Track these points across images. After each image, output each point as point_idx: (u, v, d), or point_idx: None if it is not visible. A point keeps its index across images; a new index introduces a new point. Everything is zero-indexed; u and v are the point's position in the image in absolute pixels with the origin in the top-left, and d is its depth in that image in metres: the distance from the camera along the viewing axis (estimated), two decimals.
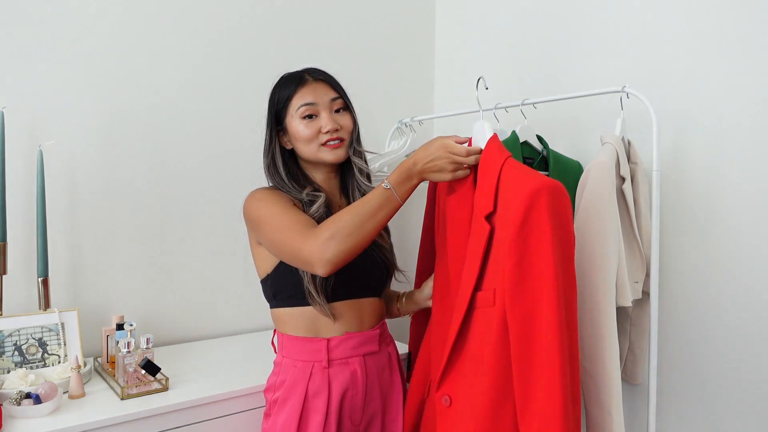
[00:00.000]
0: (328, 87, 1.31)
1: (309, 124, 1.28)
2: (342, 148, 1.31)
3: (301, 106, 1.28)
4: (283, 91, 1.31)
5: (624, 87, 1.38)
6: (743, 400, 1.41)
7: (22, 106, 1.58)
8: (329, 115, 1.28)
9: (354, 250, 1.14)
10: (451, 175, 1.15)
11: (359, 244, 1.14)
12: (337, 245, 1.12)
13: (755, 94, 1.37)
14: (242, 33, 1.93)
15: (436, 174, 1.15)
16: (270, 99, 1.35)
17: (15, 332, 1.42)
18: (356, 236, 1.13)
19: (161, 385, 1.37)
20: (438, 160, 1.14)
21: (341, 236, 1.12)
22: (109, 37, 1.70)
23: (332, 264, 1.13)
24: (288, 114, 1.30)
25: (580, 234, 1.33)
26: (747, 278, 1.40)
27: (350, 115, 1.34)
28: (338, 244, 1.12)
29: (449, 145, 1.14)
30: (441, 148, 1.13)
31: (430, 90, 2.40)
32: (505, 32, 2.05)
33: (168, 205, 1.80)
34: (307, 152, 1.30)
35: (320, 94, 1.29)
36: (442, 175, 1.15)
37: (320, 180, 1.35)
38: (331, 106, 1.30)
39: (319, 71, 1.34)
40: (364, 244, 1.15)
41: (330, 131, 1.27)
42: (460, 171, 1.15)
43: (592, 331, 1.29)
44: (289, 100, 1.29)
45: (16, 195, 1.57)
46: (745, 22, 1.38)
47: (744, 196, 1.40)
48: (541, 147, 1.63)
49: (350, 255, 1.15)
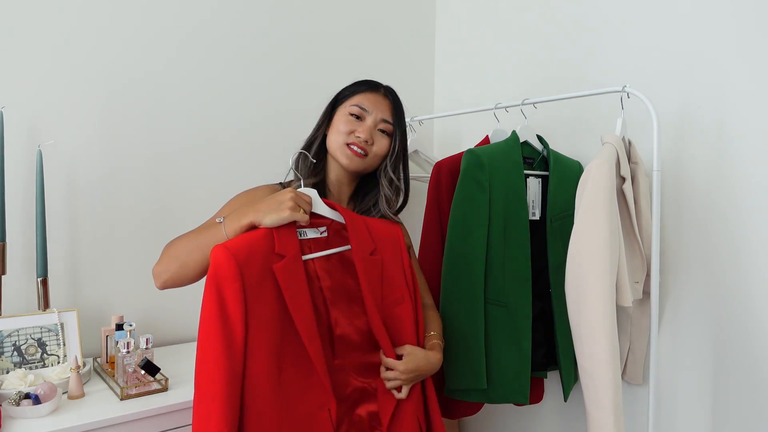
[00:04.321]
0: (388, 108, 1.31)
1: (350, 121, 1.28)
2: (360, 160, 1.27)
3: (356, 105, 1.29)
4: (353, 87, 1.33)
5: (624, 87, 1.38)
6: (744, 400, 1.41)
7: (21, 106, 1.58)
8: (370, 128, 1.28)
9: (181, 277, 1.11)
10: (289, 213, 1.05)
11: (186, 273, 1.10)
12: (165, 265, 1.11)
13: (755, 93, 1.37)
14: (242, 32, 1.93)
15: (274, 211, 1.06)
16: (341, 90, 1.36)
17: (14, 332, 1.42)
18: (183, 261, 1.10)
19: (161, 386, 1.37)
20: (280, 196, 1.08)
21: (171, 257, 1.11)
22: (109, 37, 1.70)
23: (162, 282, 1.12)
24: (342, 105, 1.31)
25: (580, 234, 1.33)
26: (747, 278, 1.39)
27: (389, 141, 1.32)
28: (167, 264, 1.11)
29: (298, 191, 1.11)
30: (289, 191, 1.09)
31: (430, 90, 2.40)
32: (505, 32, 2.05)
33: (167, 205, 1.80)
34: (333, 144, 1.29)
35: (378, 108, 1.30)
36: (280, 212, 1.05)
37: (333, 177, 1.33)
38: (377, 123, 1.29)
39: (393, 92, 1.36)
40: (191, 273, 1.11)
41: (360, 139, 1.27)
42: (300, 214, 1.07)
43: (592, 330, 1.29)
44: (351, 96, 1.31)
45: (16, 195, 1.56)
46: (746, 22, 1.38)
47: (744, 195, 1.39)
48: (542, 147, 1.63)
49: (178, 279, 1.11)
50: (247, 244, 1.01)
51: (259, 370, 0.99)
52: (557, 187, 1.56)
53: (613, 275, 1.29)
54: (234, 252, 0.98)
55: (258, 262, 1.01)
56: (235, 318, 0.97)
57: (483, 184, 1.45)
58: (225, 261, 0.97)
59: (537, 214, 1.59)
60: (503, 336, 1.47)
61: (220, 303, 0.97)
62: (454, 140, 2.30)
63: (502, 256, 1.47)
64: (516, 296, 1.48)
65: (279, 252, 1.04)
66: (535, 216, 1.58)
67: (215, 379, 0.95)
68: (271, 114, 1.98)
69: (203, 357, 0.97)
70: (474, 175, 1.46)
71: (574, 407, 1.82)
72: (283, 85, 2.00)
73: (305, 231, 1.12)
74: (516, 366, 1.48)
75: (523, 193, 1.51)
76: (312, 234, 1.13)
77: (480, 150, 1.49)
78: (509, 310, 1.47)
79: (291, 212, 1.05)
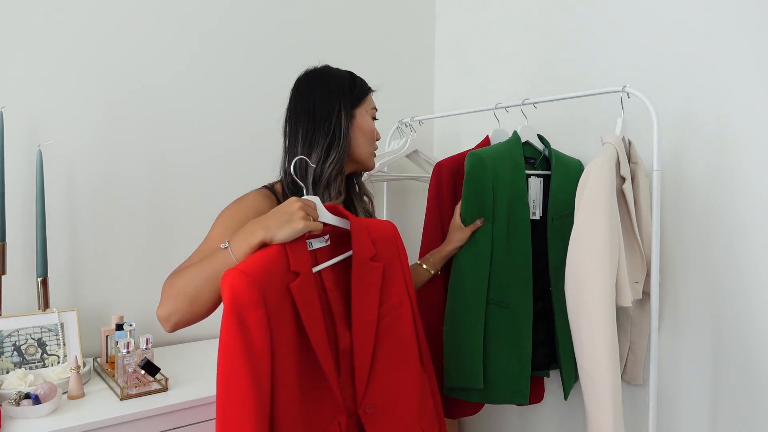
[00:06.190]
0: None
1: (373, 125, 1.26)
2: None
3: (373, 107, 1.26)
4: (361, 83, 1.27)
5: (624, 87, 1.38)
6: (743, 400, 1.41)
7: (21, 106, 1.58)
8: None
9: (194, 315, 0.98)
10: (303, 224, 0.95)
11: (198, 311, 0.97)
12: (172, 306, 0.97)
13: (755, 93, 1.37)
14: (242, 32, 1.93)
15: (285, 224, 0.95)
16: (340, 79, 1.25)
17: (14, 332, 1.42)
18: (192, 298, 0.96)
19: (161, 386, 1.37)
20: (286, 207, 0.98)
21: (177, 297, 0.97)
22: (109, 37, 1.70)
23: (172, 324, 0.98)
24: (361, 106, 1.24)
25: (580, 234, 1.33)
26: (747, 277, 1.39)
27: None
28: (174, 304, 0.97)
29: (303, 200, 1.01)
30: (294, 200, 0.99)
31: (430, 90, 2.40)
32: (505, 32, 2.05)
33: (167, 205, 1.80)
34: (364, 151, 1.23)
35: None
36: (292, 224, 0.95)
37: (341, 185, 1.24)
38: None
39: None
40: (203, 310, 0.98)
41: (378, 140, 1.28)
42: (314, 223, 0.98)
43: (592, 330, 1.29)
44: (366, 95, 1.26)
45: (16, 195, 1.56)
46: (746, 22, 1.38)
47: (744, 195, 1.39)
48: (543, 146, 1.63)
49: (191, 318, 0.98)
50: (264, 265, 0.91)
51: (285, 397, 0.91)
52: (559, 185, 1.56)
53: (613, 275, 1.29)
54: (254, 276, 0.88)
55: (277, 283, 0.92)
56: (261, 347, 0.87)
57: (487, 186, 1.46)
58: (245, 287, 0.87)
59: (538, 214, 1.59)
60: (504, 336, 1.48)
61: (244, 333, 0.86)
62: (454, 140, 2.30)
63: (505, 257, 1.48)
64: (517, 297, 1.49)
65: (294, 269, 0.95)
66: (536, 216, 1.58)
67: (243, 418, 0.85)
68: (272, 116, 1.97)
69: (228, 394, 0.86)
70: (478, 179, 1.47)
71: (574, 407, 1.82)
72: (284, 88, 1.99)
73: (311, 242, 1.03)
74: (516, 366, 1.48)
75: (524, 194, 1.51)
76: (317, 243, 1.05)
77: (483, 152, 1.49)
78: (511, 310, 1.48)
79: (305, 223, 0.95)
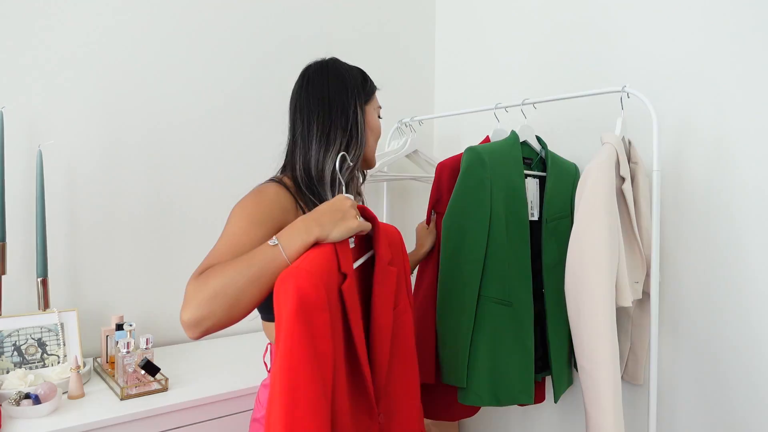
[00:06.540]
0: None
1: (380, 124, 1.24)
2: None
3: (379, 106, 1.24)
4: (370, 80, 1.24)
5: (624, 87, 1.38)
6: (743, 400, 1.41)
7: (21, 106, 1.58)
8: None
9: (231, 319, 0.87)
10: (357, 223, 0.92)
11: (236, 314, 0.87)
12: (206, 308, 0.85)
13: (756, 93, 1.37)
14: (241, 32, 1.93)
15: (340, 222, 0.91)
16: (353, 73, 1.23)
17: (14, 332, 1.42)
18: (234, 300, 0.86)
19: (161, 386, 1.37)
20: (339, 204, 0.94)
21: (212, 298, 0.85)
22: (108, 38, 1.70)
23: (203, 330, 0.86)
24: (370, 103, 1.21)
25: (580, 234, 1.32)
26: (747, 277, 1.39)
27: None
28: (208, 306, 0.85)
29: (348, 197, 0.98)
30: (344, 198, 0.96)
31: (430, 90, 2.40)
32: (505, 32, 2.05)
33: (167, 205, 1.80)
34: (371, 149, 1.20)
35: None
36: (347, 222, 0.92)
37: (358, 184, 1.24)
38: None
39: None
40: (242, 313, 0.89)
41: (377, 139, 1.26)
42: (365, 223, 0.96)
43: (592, 331, 1.29)
44: (373, 92, 1.23)
45: (16, 195, 1.56)
46: (746, 22, 1.38)
47: (744, 195, 1.39)
48: (540, 147, 1.62)
49: (228, 321, 0.87)
50: (323, 265, 0.87)
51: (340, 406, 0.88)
52: (553, 188, 1.56)
53: (612, 275, 1.29)
54: (319, 277, 0.84)
55: (334, 284, 0.88)
56: (326, 351, 0.84)
57: (484, 182, 1.43)
58: (313, 288, 0.82)
59: (535, 215, 1.58)
60: (510, 336, 1.45)
61: (311, 338, 0.82)
62: (454, 140, 2.30)
63: (507, 255, 1.45)
64: (520, 296, 1.47)
65: (344, 270, 0.90)
66: (534, 216, 1.58)
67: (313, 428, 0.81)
68: (272, 114, 1.98)
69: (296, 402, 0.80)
70: (475, 173, 1.44)
71: (573, 407, 1.82)
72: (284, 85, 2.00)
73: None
74: (521, 366, 1.46)
75: (523, 193, 1.50)
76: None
77: (481, 147, 1.47)
78: (515, 309, 1.46)
79: (359, 222, 0.91)
